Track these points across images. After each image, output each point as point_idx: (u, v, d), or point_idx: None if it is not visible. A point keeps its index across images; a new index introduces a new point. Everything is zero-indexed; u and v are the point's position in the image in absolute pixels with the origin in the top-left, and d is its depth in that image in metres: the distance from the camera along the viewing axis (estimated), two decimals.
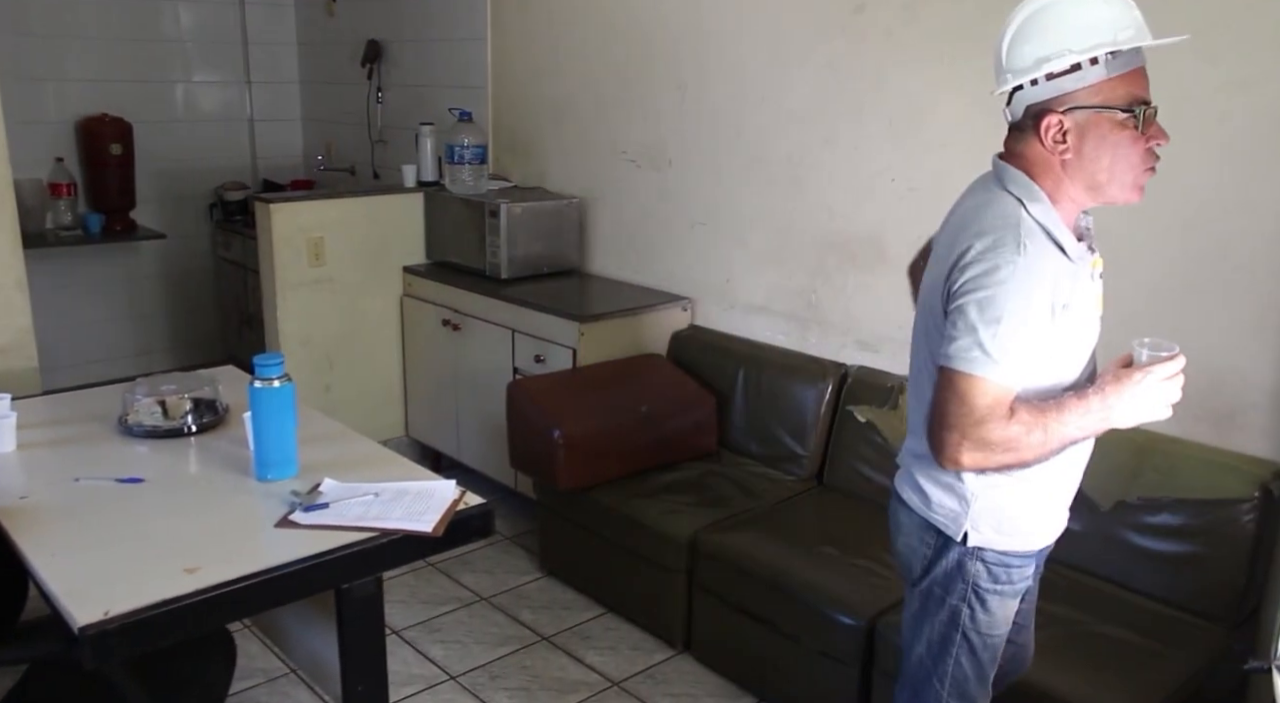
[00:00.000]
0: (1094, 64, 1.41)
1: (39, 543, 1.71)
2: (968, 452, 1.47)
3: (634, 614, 2.98)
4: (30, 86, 4.50)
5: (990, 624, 1.67)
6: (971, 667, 1.69)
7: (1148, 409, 1.46)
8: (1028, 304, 1.43)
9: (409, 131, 4.35)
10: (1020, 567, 1.65)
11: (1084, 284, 1.53)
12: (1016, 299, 1.42)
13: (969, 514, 1.61)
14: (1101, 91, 1.42)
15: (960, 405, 1.45)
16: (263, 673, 2.72)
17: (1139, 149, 1.45)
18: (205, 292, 5.27)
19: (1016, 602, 1.69)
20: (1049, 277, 1.45)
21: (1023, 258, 1.43)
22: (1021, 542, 1.64)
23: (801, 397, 3.05)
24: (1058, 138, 1.45)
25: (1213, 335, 2.33)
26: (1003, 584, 1.64)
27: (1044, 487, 1.61)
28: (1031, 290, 1.43)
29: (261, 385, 1.91)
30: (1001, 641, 1.70)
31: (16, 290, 2.87)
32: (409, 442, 4.09)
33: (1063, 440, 1.48)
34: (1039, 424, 1.45)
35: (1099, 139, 1.44)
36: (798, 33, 3.05)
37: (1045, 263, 1.45)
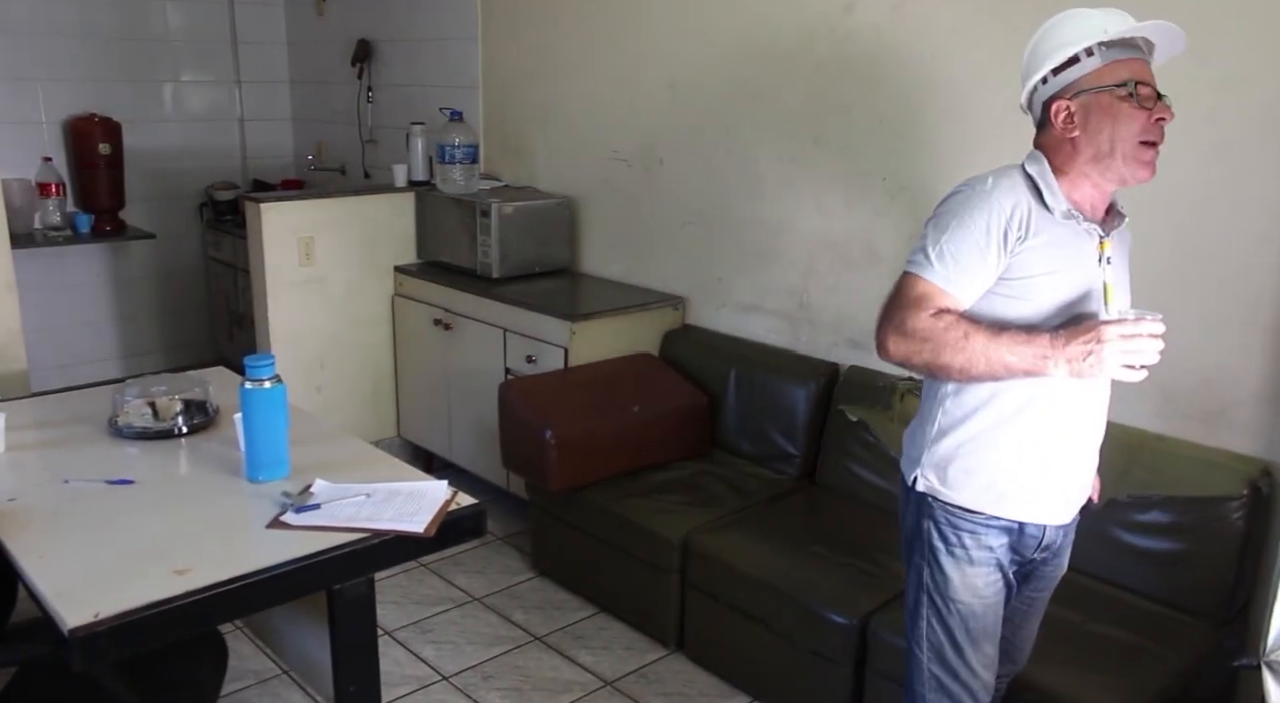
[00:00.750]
0: (1090, 55, 1.59)
1: (28, 545, 1.71)
2: (891, 338, 1.59)
3: (626, 614, 2.98)
4: (18, 86, 4.48)
5: (949, 588, 1.71)
6: (943, 633, 1.74)
7: (1093, 363, 1.48)
8: (972, 222, 1.57)
9: (400, 131, 4.34)
10: (974, 532, 1.69)
11: (1082, 254, 1.62)
12: (962, 215, 1.59)
13: (922, 458, 1.72)
14: (1099, 76, 1.59)
15: (896, 298, 1.61)
16: (254, 674, 2.71)
17: (1139, 120, 1.58)
18: (195, 292, 5.26)
19: (981, 572, 1.70)
20: (1007, 208, 1.57)
21: (982, 187, 1.61)
22: (971, 499, 1.68)
23: (793, 396, 3.05)
24: (1066, 120, 1.61)
25: (1202, 333, 2.34)
26: (954, 546, 1.70)
27: (1000, 445, 1.65)
28: (980, 211, 1.58)
29: (252, 386, 1.91)
30: (972, 610, 1.71)
31: (5, 292, 2.86)
32: (400, 442, 4.09)
33: (991, 358, 1.53)
34: (961, 328, 1.54)
35: (1100, 112, 1.59)
36: (787, 32, 3.05)
37: (1007, 197, 1.58)
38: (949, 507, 1.70)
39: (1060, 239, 1.60)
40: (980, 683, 1.77)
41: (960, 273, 1.57)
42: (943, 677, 1.76)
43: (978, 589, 1.71)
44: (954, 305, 1.58)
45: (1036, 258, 1.58)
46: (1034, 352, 1.52)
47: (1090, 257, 1.63)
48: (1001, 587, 1.74)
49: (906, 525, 1.79)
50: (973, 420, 1.67)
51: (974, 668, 1.75)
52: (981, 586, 1.71)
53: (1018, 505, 1.69)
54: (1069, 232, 1.61)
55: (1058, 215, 1.61)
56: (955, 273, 1.57)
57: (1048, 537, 1.75)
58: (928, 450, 1.72)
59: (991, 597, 1.73)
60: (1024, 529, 1.72)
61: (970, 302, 1.60)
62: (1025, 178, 1.63)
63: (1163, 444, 2.38)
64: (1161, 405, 2.43)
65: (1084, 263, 1.62)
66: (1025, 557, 1.76)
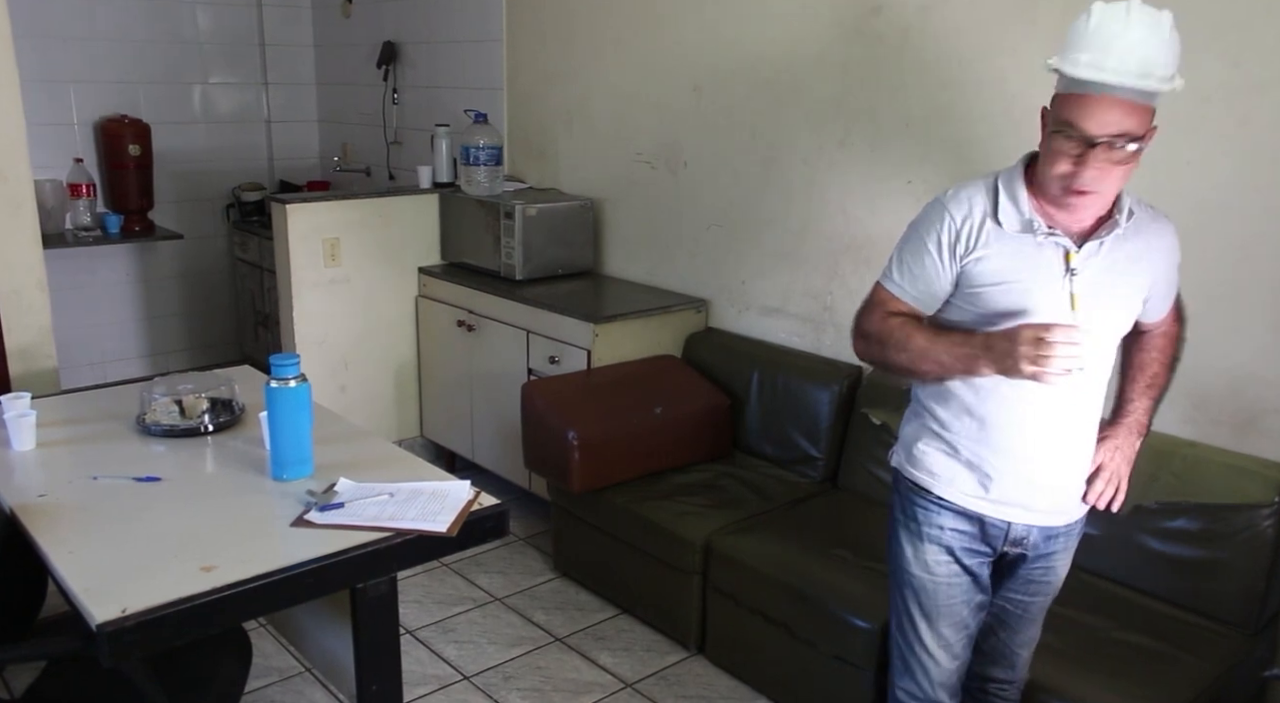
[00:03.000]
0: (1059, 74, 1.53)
1: (58, 541, 1.73)
2: (855, 339, 1.76)
3: (648, 616, 2.98)
4: (51, 88, 4.54)
5: (903, 560, 1.81)
6: (902, 604, 1.84)
7: (1010, 366, 1.51)
8: (925, 232, 1.67)
9: (424, 133, 4.37)
10: (925, 510, 1.77)
11: (1042, 265, 1.60)
12: (919, 226, 1.69)
13: (901, 435, 1.84)
14: (1057, 101, 1.55)
15: (862, 305, 1.77)
16: (277, 672, 2.73)
17: (1062, 165, 1.53)
18: (222, 292, 5.30)
19: (932, 551, 1.77)
20: (957, 220, 1.64)
21: (941, 197, 1.68)
22: (928, 480, 1.76)
23: (816, 399, 3.04)
24: (1041, 125, 1.59)
25: (1232, 339, 2.31)
26: (910, 521, 1.80)
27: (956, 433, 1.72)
28: (932, 222, 1.66)
29: (278, 385, 1.92)
30: (924, 585, 1.78)
31: (37, 290, 2.89)
32: (424, 442, 4.10)
33: (930, 357, 1.62)
34: (906, 329, 1.66)
35: (1046, 137, 1.57)
36: (814, 33, 3.04)
37: (959, 209, 1.64)
38: (909, 484, 1.80)
39: (1015, 251, 1.61)
40: (936, 665, 1.82)
41: (912, 281, 1.69)
42: (903, 648, 1.86)
43: (928, 566, 1.78)
44: (909, 310, 1.69)
45: (985, 269, 1.63)
46: (965, 353, 1.58)
47: (1057, 268, 1.60)
48: (958, 571, 1.77)
49: (888, 500, 1.92)
50: (939, 407, 1.75)
51: (928, 646, 1.81)
52: (932, 563, 1.78)
53: (965, 494, 1.73)
54: (1027, 243, 1.61)
55: (1012, 227, 1.61)
56: (908, 281, 1.69)
57: (1015, 532, 1.75)
58: (903, 431, 1.84)
59: (943, 578, 1.78)
60: (985, 519, 1.74)
61: (929, 307, 1.69)
62: (992, 188, 1.64)
63: (1192, 451, 2.35)
64: (1191, 412, 2.40)
65: (1044, 275, 1.61)
66: (993, 549, 1.78)
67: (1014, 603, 1.85)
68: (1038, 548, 1.79)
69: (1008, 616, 1.86)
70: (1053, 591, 1.86)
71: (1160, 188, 2.36)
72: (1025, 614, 1.86)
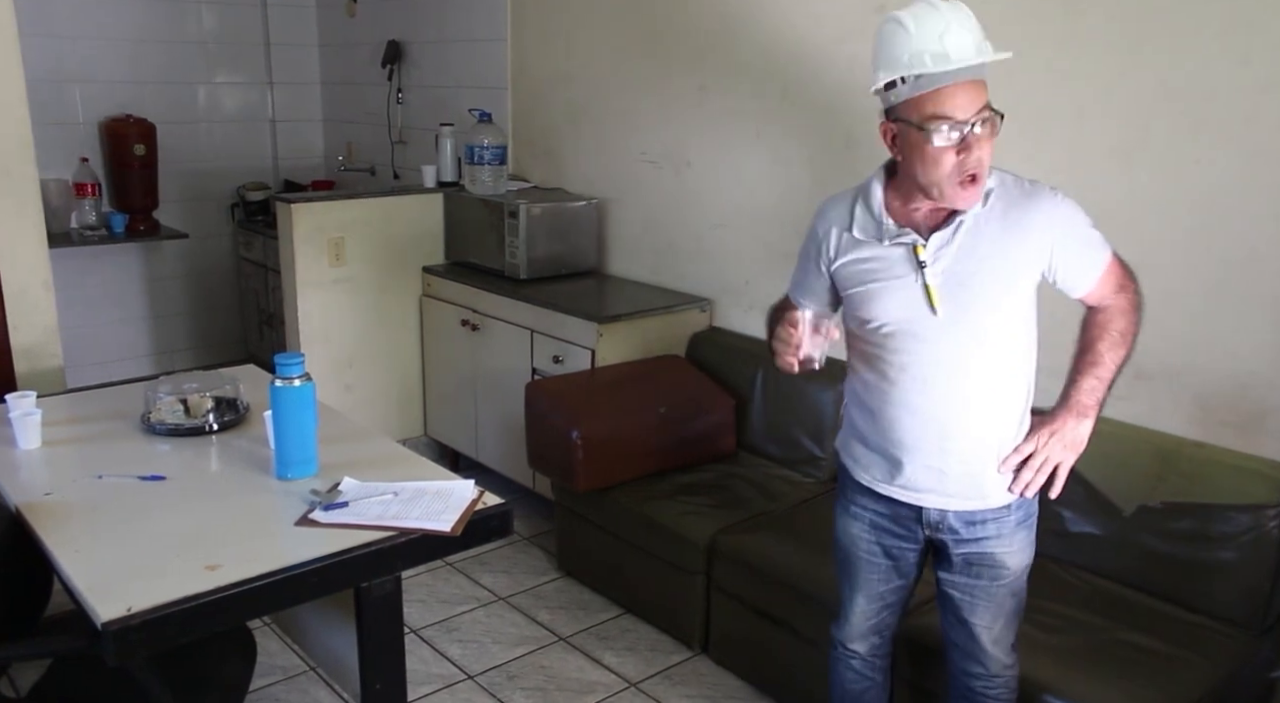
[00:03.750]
0: (903, 82, 1.58)
1: (63, 539, 1.73)
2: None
3: (652, 615, 2.98)
4: (56, 87, 4.55)
5: (837, 529, 1.99)
6: (837, 563, 2.03)
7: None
8: (803, 245, 1.89)
9: (429, 132, 4.37)
10: (852, 489, 1.92)
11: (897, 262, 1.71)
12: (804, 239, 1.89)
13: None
14: (909, 108, 1.59)
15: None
16: (282, 670, 2.73)
17: (947, 161, 1.58)
18: (227, 291, 5.31)
19: (853, 525, 1.93)
20: (819, 233, 1.82)
21: (815, 215, 1.86)
22: (850, 464, 1.92)
23: (820, 399, 3.04)
24: (890, 142, 1.66)
25: (1239, 339, 2.30)
26: (841, 495, 1.97)
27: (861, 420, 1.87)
28: (807, 237, 1.87)
29: (282, 385, 1.92)
30: (844, 550, 1.97)
31: (43, 290, 2.90)
32: (428, 441, 4.11)
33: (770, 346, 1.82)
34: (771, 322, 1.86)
35: (910, 148, 1.62)
36: (818, 33, 3.03)
37: (821, 223, 1.83)
38: (841, 466, 1.96)
39: (870, 256, 1.74)
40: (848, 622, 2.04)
41: (795, 287, 1.92)
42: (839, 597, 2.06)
43: (851, 537, 1.95)
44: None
45: (846, 273, 1.78)
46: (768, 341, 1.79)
47: (910, 263, 1.70)
48: (877, 551, 1.91)
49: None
50: (851, 399, 1.90)
51: (846, 603, 2.03)
52: (853, 536, 1.94)
53: (876, 479, 1.86)
54: (879, 248, 1.72)
55: (863, 234, 1.74)
56: (793, 287, 1.93)
57: (929, 516, 1.82)
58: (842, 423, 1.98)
59: (862, 552, 1.93)
60: (898, 504, 1.85)
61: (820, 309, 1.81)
62: (851, 200, 1.78)
63: (1198, 451, 2.34)
64: (1197, 412, 2.40)
65: (900, 271, 1.71)
66: (911, 532, 1.86)
67: (958, 587, 1.86)
68: (959, 532, 1.81)
69: (958, 601, 1.87)
70: (1003, 579, 1.83)
71: (1166, 186, 2.36)
72: (973, 600, 1.85)
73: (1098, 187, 2.44)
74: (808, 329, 1.66)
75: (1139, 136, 2.40)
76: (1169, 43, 2.31)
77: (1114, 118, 2.43)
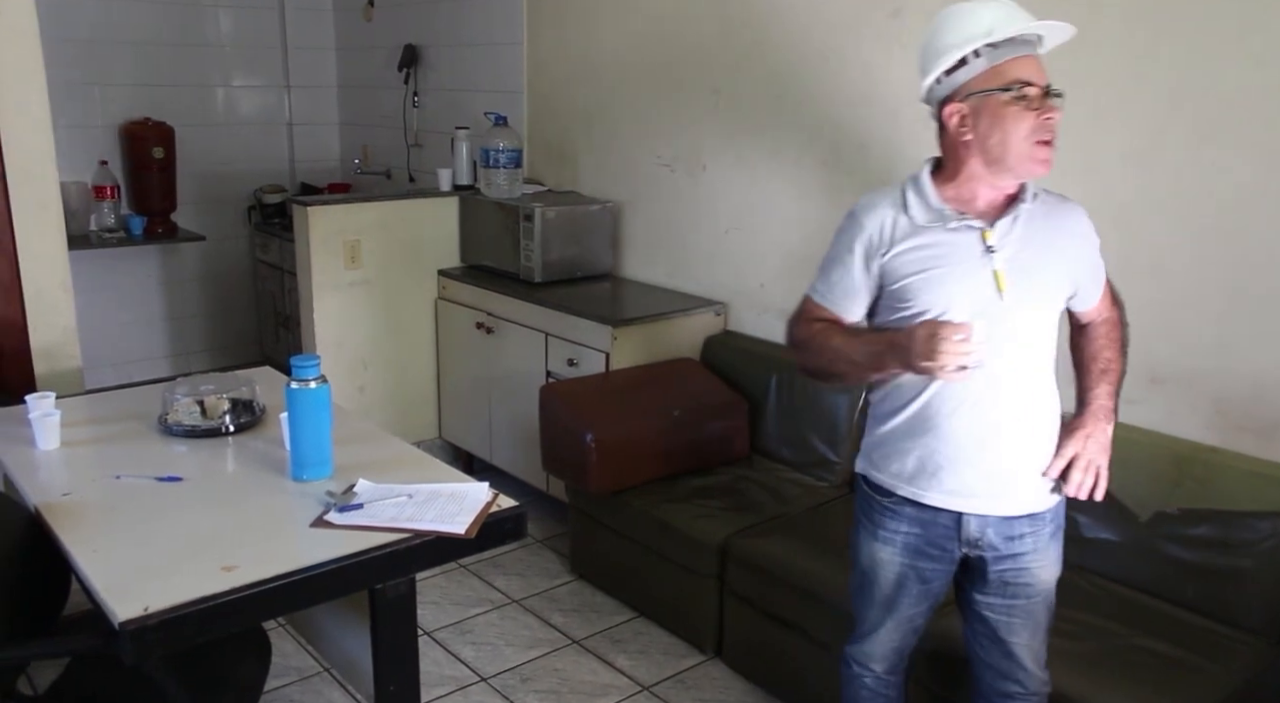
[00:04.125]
0: (977, 57, 1.62)
1: (81, 539, 1.75)
2: (788, 347, 1.87)
3: (665, 619, 2.98)
4: (76, 91, 4.59)
5: (861, 554, 1.91)
6: (856, 586, 1.96)
7: (912, 360, 1.57)
8: (840, 241, 1.78)
9: (445, 135, 4.39)
10: (882, 513, 1.83)
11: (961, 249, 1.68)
12: (837, 236, 1.80)
13: (864, 443, 1.89)
14: (987, 78, 1.63)
15: (790, 317, 1.86)
16: (296, 671, 2.75)
17: (1027, 122, 1.61)
18: (243, 293, 5.35)
19: (884, 550, 1.85)
20: (867, 224, 1.74)
21: (851, 211, 1.78)
22: (878, 473, 1.84)
23: (834, 403, 3.03)
24: (960, 124, 1.66)
25: (1255, 344, 2.29)
26: (864, 515, 1.89)
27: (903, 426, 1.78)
28: (846, 230, 1.78)
29: (298, 386, 1.93)
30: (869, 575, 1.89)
31: (62, 291, 2.92)
32: (442, 444, 4.12)
33: (845, 359, 1.72)
34: (824, 334, 1.75)
35: (990, 116, 1.63)
36: (834, 37, 3.03)
37: (868, 213, 1.75)
38: (869, 489, 1.87)
39: (933, 241, 1.69)
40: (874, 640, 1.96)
41: (831, 288, 1.79)
42: (856, 618, 2.00)
43: (879, 563, 1.87)
44: (831, 317, 1.78)
45: (904, 261, 1.70)
46: (874, 351, 1.66)
47: (976, 250, 1.67)
48: (910, 575, 1.84)
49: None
50: (887, 406, 1.80)
51: (871, 624, 1.95)
52: (882, 561, 1.86)
53: (919, 489, 1.77)
54: (942, 232, 1.68)
55: (922, 219, 1.69)
56: (827, 289, 1.79)
57: (968, 531, 1.77)
58: (867, 439, 1.88)
59: (891, 576, 1.86)
60: (934, 519, 1.78)
61: (851, 314, 1.78)
62: (899, 191, 1.74)
63: (1214, 457, 2.33)
64: (1213, 418, 2.38)
65: (965, 258, 1.67)
66: (948, 551, 1.80)
67: (994, 609, 1.84)
68: (998, 549, 1.78)
69: (994, 623, 1.85)
70: (1038, 595, 1.83)
71: (1182, 190, 2.35)
72: (1011, 619, 1.84)
73: (1113, 190, 2.43)
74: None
75: (1154, 140, 2.38)
76: (1185, 46, 2.30)
77: (1129, 121, 2.42)
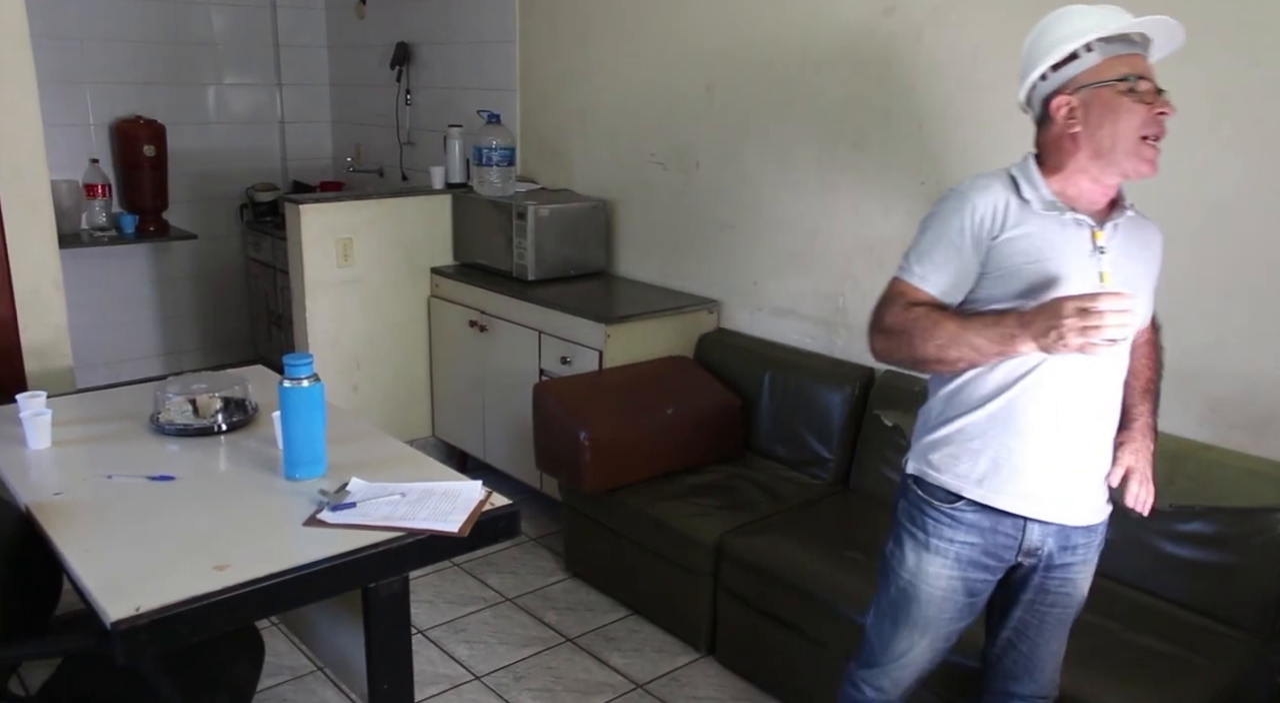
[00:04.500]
0: (1089, 50, 1.61)
1: (73, 539, 1.74)
2: (873, 335, 1.70)
3: (659, 617, 2.98)
4: (67, 89, 4.57)
5: (904, 567, 1.79)
6: (888, 605, 1.84)
7: (1055, 339, 1.48)
8: (947, 221, 1.66)
9: (437, 134, 4.38)
10: (938, 522, 1.74)
11: (1070, 244, 1.63)
12: (940, 216, 1.68)
13: (916, 443, 1.80)
14: (1099, 71, 1.61)
15: (878, 301, 1.72)
16: (289, 670, 2.74)
17: (1139, 114, 1.59)
18: (235, 292, 5.33)
19: (936, 561, 1.75)
20: (980, 204, 1.64)
21: (959, 188, 1.68)
22: (939, 474, 1.74)
23: (828, 400, 3.03)
24: (1068, 116, 1.63)
25: (1248, 342, 2.30)
26: (916, 531, 1.77)
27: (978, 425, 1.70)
28: (954, 210, 1.66)
29: (290, 385, 1.93)
30: (916, 593, 1.77)
31: (53, 290, 2.91)
32: (435, 442, 4.11)
33: (961, 342, 1.59)
34: (932, 317, 1.62)
35: (1101, 107, 1.60)
36: (828, 34, 3.03)
37: (981, 194, 1.65)
38: (924, 493, 1.76)
39: (1043, 230, 1.63)
40: (904, 669, 1.86)
41: (935, 271, 1.66)
42: (876, 644, 1.88)
43: (928, 577, 1.77)
44: (930, 300, 1.66)
45: (1018, 247, 1.63)
46: (1001, 332, 1.56)
47: (1083, 247, 1.63)
48: (958, 588, 1.76)
49: (891, 502, 1.88)
50: (959, 403, 1.72)
51: (904, 651, 1.83)
52: (932, 575, 1.76)
53: (996, 492, 1.70)
54: (1054, 222, 1.64)
55: (1037, 206, 1.63)
56: (930, 271, 1.66)
57: (1030, 540, 1.73)
58: (925, 439, 1.78)
59: (940, 591, 1.76)
60: (997, 527, 1.72)
61: (950, 297, 1.66)
62: (1008, 177, 1.68)
63: (1208, 454, 2.34)
64: (1207, 414, 2.39)
65: (1073, 253, 1.63)
66: (1003, 561, 1.76)
67: (1033, 614, 1.83)
68: (1053, 559, 1.76)
69: (1027, 628, 1.84)
70: (1074, 605, 1.84)
71: (1176, 188, 2.35)
72: (1044, 626, 1.84)
73: None
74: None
75: None
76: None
77: None
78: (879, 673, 1.89)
